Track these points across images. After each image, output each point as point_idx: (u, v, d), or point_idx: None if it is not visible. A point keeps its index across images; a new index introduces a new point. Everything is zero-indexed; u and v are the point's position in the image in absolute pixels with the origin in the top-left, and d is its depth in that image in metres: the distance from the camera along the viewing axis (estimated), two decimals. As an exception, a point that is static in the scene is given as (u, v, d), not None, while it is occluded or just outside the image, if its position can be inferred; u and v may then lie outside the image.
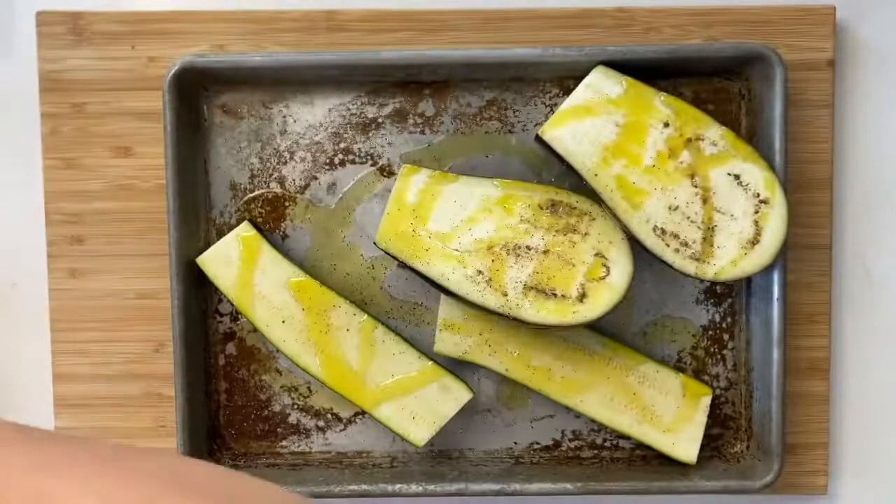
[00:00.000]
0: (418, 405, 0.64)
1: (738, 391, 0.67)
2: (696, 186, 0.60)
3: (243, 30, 0.66)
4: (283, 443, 0.68)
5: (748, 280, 0.66)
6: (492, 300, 0.60)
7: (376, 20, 0.66)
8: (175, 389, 0.63)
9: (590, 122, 0.61)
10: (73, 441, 0.35)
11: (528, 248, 0.61)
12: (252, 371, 0.67)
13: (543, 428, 0.68)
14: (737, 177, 0.60)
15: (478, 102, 0.66)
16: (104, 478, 0.32)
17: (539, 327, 0.61)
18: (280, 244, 0.67)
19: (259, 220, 0.67)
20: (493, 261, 0.61)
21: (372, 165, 0.66)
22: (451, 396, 0.64)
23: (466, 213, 0.62)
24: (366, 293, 0.67)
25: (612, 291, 0.60)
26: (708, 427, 0.66)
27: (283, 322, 0.64)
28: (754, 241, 0.60)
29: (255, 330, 0.66)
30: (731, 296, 0.67)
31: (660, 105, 0.61)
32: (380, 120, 0.66)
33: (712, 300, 0.67)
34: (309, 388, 0.67)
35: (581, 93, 0.61)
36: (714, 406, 0.67)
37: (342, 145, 0.66)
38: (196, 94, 0.66)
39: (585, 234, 0.61)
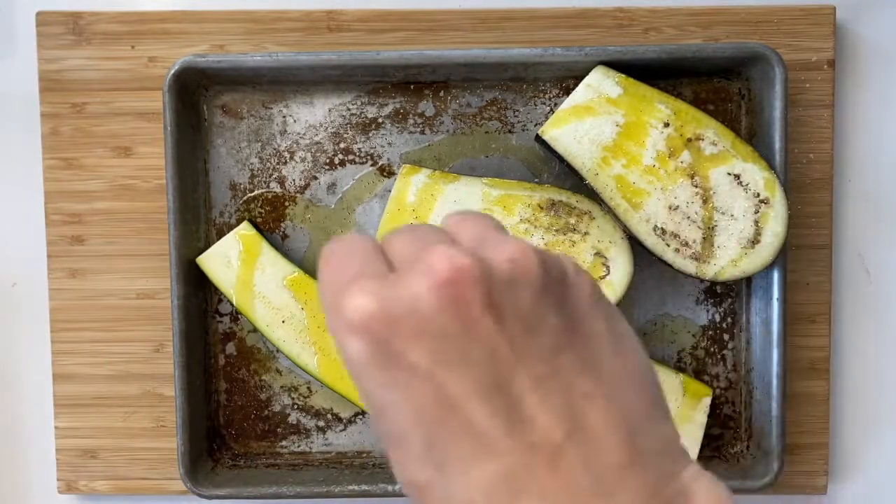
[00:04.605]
0: (418, 405, 0.64)
1: (738, 391, 0.67)
2: (696, 186, 0.60)
3: (243, 30, 0.66)
4: (283, 443, 0.68)
5: (748, 280, 0.66)
6: (492, 300, 0.60)
7: (376, 20, 0.66)
8: (175, 389, 0.63)
9: (590, 121, 0.61)
10: None
11: (528, 247, 0.61)
12: (252, 371, 0.67)
13: (543, 428, 0.67)
14: (737, 177, 0.60)
15: (478, 102, 0.66)
16: None
17: (539, 327, 0.61)
18: (280, 244, 0.67)
19: (259, 219, 0.67)
20: (493, 261, 0.61)
21: (372, 165, 0.66)
22: (451, 396, 0.64)
23: (466, 212, 0.62)
24: (366, 293, 0.67)
25: (612, 291, 0.60)
26: (708, 427, 0.66)
27: (284, 322, 0.64)
28: (754, 241, 0.60)
29: (255, 330, 0.66)
30: (731, 296, 0.67)
31: (660, 105, 0.61)
32: (380, 120, 0.66)
33: (712, 300, 0.67)
34: (309, 388, 0.67)
35: (581, 93, 0.61)
36: (714, 406, 0.67)
37: (342, 145, 0.66)
38: (196, 94, 0.66)
39: (585, 233, 0.61)
